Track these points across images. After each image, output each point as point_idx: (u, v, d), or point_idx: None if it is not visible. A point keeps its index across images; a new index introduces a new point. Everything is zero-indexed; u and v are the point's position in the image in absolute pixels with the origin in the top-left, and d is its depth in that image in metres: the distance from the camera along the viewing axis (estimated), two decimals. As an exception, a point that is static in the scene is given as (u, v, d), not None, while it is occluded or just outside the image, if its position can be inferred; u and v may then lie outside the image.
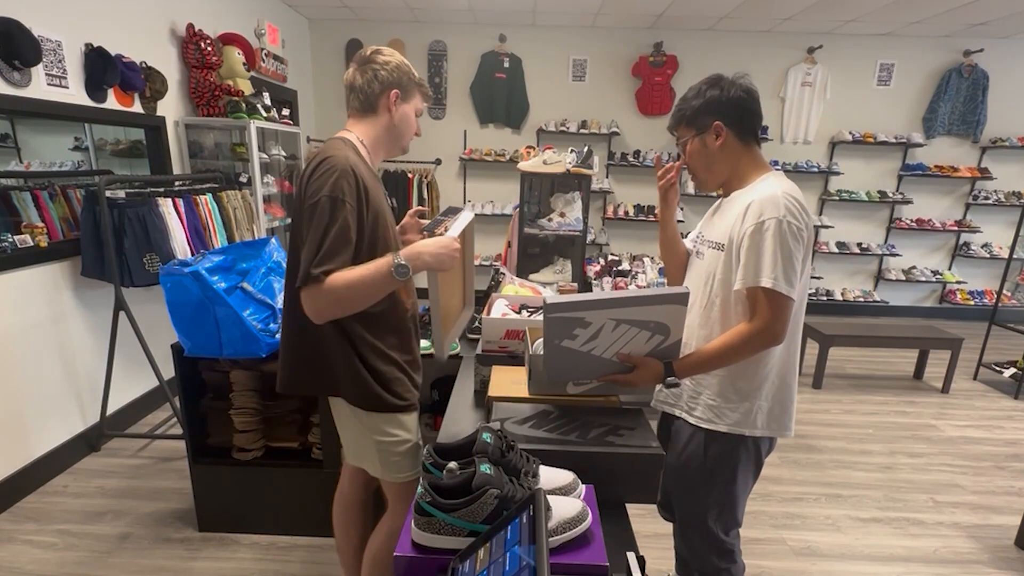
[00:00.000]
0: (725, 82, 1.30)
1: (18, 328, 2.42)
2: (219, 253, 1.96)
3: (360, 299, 1.24)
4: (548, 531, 0.82)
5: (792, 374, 1.37)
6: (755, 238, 1.21)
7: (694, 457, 1.40)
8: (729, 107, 1.29)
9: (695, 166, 1.38)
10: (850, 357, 4.55)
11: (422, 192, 5.52)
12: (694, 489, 1.43)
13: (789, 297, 1.20)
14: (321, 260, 1.17)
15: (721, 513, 1.43)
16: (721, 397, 1.35)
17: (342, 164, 1.21)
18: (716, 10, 4.69)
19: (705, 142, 1.33)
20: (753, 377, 1.33)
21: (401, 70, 1.36)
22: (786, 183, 1.28)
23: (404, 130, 1.42)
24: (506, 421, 1.35)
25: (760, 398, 1.34)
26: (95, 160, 3.74)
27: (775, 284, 1.18)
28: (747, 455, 1.38)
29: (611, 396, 1.52)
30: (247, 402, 2.09)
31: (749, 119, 1.31)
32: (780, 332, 1.23)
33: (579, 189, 3.34)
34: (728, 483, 1.40)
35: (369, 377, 1.34)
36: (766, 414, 1.35)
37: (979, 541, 2.33)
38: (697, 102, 1.31)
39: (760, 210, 1.21)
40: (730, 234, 1.27)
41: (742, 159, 1.33)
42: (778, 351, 1.32)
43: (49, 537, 2.18)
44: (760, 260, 1.20)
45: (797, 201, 1.23)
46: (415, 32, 5.35)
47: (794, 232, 1.20)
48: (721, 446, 1.37)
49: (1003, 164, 5.52)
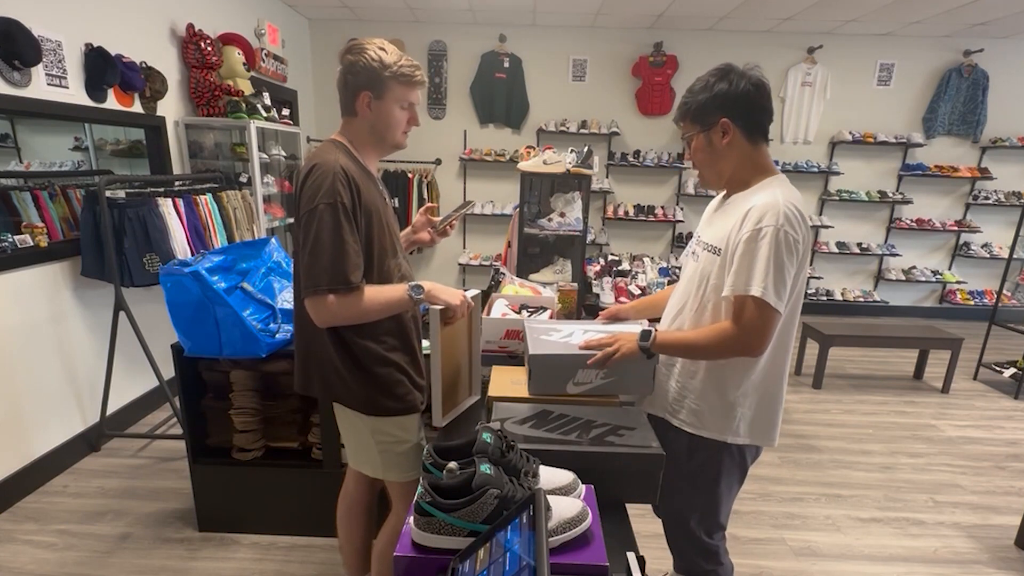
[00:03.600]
0: (734, 74, 1.22)
1: (18, 328, 2.42)
2: (219, 253, 1.96)
3: (374, 313, 1.29)
4: (548, 531, 0.82)
5: (778, 384, 1.34)
6: (750, 245, 1.17)
7: (677, 460, 1.38)
8: (737, 103, 1.22)
9: (700, 164, 1.33)
10: (850, 357, 4.55)
11: (422, 192, 5.52)
12: (677, 492, 1.41)
13: (776, 310, 1.16)
14: (340, 271, 1.20)
15: (704, 517, 1.42)
16: (704, 402, 1.33)
17: (333, 168, 1.21)
18: (716, 10, 4.69)
19: (711, 139, 1.27)
20: (738, 385, 1.31)
21: (369, 68, 1.25)
22: (788, 190, 1.24)
23: (385, 129, 1.33)
24: (506, 421, 1.35)
25: (744, 406, 1.31)
26: (95, 160, 3.74)
27: (764, 294, 1.14)
28: (731, 461, 1.37)
29: (611, 396, 1.52)
30: (247, 402, 2.09)
31: (758, 116, 1.25)
32: (758, 345, 1.20)
33: (579, 189, 3.34)
34: (710, 488, 1.38)
35: (366, 382, 1.35)
36: (749, 422, 1.33)
37: (979, 541, 2.33)
38: (704, 96, 1.24)
39: (759, 217, 1.17)
40: (727, 239, 1.24)
41: (748, 159, 1.28)
42: (763, 361, 1.28)
43: (49, 537, 2.18)
44: (752, 268, 1.16)
45: (797, 211, 1.19)
46: (415, 32, 5.35)
47: (790, 243, 1.16)
48: (704, 451, 1.36)
49: (1003, 164, 5.52)
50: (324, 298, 1.21)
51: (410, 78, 1.29)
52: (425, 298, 1.33)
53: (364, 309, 1.26)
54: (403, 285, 1.32)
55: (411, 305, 1.33)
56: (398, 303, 1.31)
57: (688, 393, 1.36)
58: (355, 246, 1.23)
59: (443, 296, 1.36)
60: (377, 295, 1.27)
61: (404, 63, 1.28)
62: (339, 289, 1.21)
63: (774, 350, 1.27)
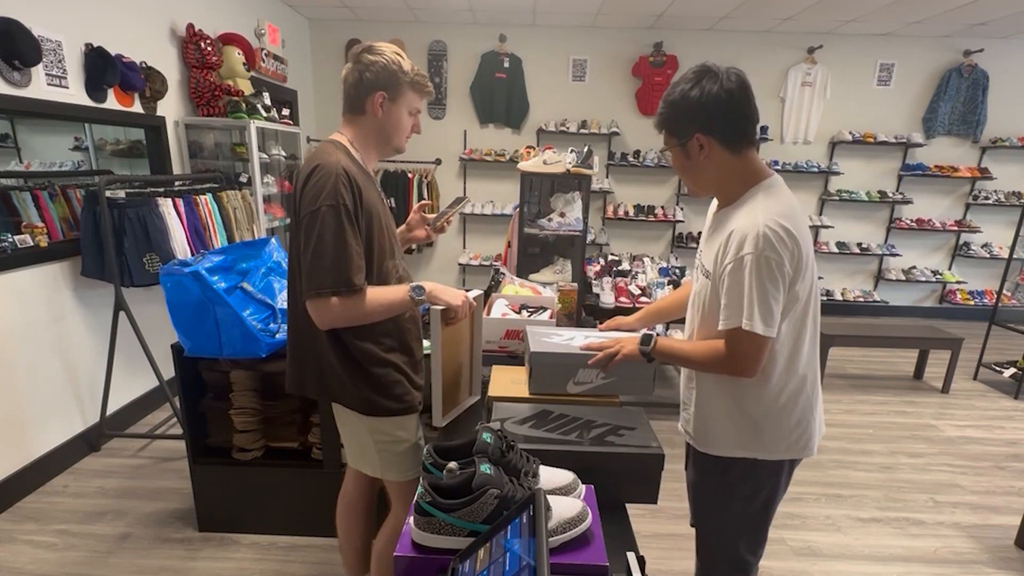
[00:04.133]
0: (708, 80, 1.13)
1: (18, 328, 2.42)
2: (219, 253, 1.96)
3: (375, 315, 1.29)
4: (548, 531, 0.82)
5: (809, 394, 1.28)
6: (734, 277, 1.13)
7: (708, 481, 1.35)
8: (712, 113, 1.14)
9: (681, 176, 1.29)
10: (850, 357, 4.55)
11: (422, 192, 5.52)
12: (716, 509, 1.37)
13: (766, 336, 1.14)
14: (344, 273, 1.20)
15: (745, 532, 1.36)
16: (730, 421, 1.28)
17: (335, 169, 1.21)
18: (716, 10, 4.69)
19: (688, 153, 1.20)
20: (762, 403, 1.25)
21: (389, 70, 1.29)
22: (773, 201, 1.16)
23: (393, 132, 1.36)
24: (506, 421, 1.35)
25: (774, 425, 1.26)
26: (95, 160, 3.74)
27: (751, 326, 1.12)
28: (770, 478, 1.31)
29: (611, 396, 1.52)
30: (247, 402, 2.09)
31: (738, 123, 1.16)
32: (749, 371, 1.18)
33: (579, 189, 3.34)
34: (746, 503, 1.33)
35: (364, 383, 1.35)
36: (784, 439, 1.27)
37: (979, 541, 2.33)
38: (677, 107, 1.17)
39: (739, 243, 1.12)
40: (714, 263, 1.20)
41: (731, 170, 1.20)
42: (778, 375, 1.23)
43: (49, 537, 2.18)
44: (739, 301, 1.13)
45: (780, 227, 1.11)
46: (415, 32, 5.35)
47: (772, 268, 1.10)
48: (736, 472, 1.30)
49: (1003, 164, 5.52)
50: (327, 300, 1.21)
51: (423, 87, 1.36)
52: (427, 299, 1.33)
53: (366, 311, 1.26)
54: (404, 286, 1.31)
55: (413, 306, 1.33)
56: (400, 304, 1.31)
57: (713, 420, 1.31)
58: (358, 248, 1.23)
59: (445, 297, 1.37)
60: (379, 296, 1.27)
61: (419, 72, 1.34)
62: (342, 291, 1.21)
63: (787, 362, 1.23)
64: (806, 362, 1.25)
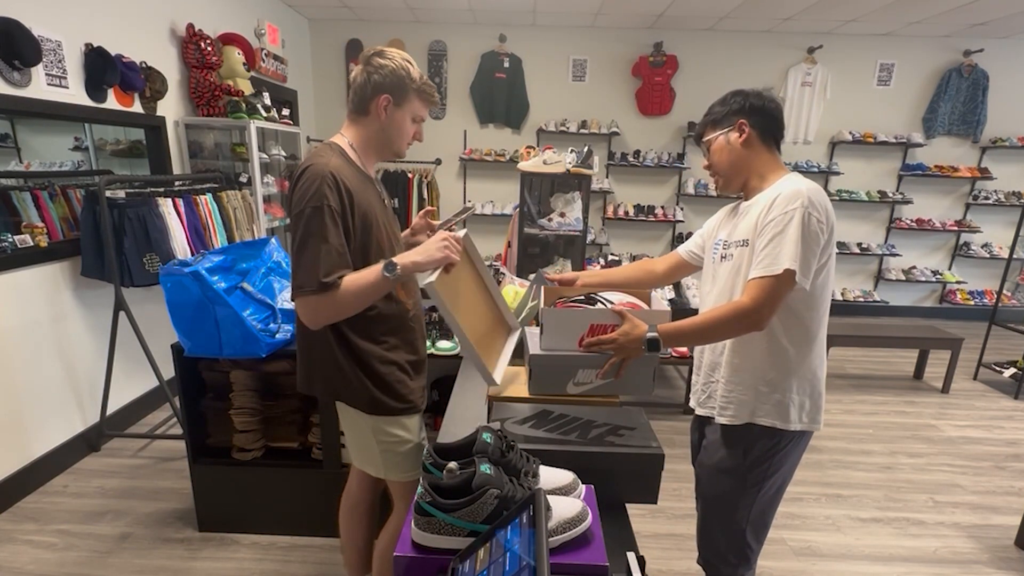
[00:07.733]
0: (749, 90, 1.38)
1: (18, 328, 2.42)
2: (219, 253, 1.96)
3: (354, 305, 1.26)
4: (548, 531, 0.82)
5: (821, 366, 1.37)
6: (779, 227, 1.23)
7: (729, 458, 1.38)
8: (752, 108, 1.35)
9: (718, 164, 1.40)
10: (850, 357, 4.55)
11: (422, 192, 5.51)
12: (730, 491, 1.40)
13: (798, 285, 1.21)
14: (315, 272, 1.19)
15: (754, 516, 1.40)
16: (752, 391, 1.33)
17: (321, 171, 1.21)
18: (716, 10, 4.69)
19: (729, 139, 1.36)
20: (783, 368, 1.31)
21: (397, 75, 1.30)
22: (809, 182, 1.30)
23: (394, 136, 1.36)
24: (506, 421, 1.35)
25: (792, 391, 1.32)
26: (95, 160, 3.74)
27: (795, 267, 1.19)
28: (781, 453, 1.36)
29: (611, 396, 1.52)
30: (247, 402, 2.09)
31: (771, 122, 1.36)
32: (765, 318, 1.23)
33: (579, 189, 3.34)
34: (762, 483, 1.37)
35: (368, 381, 1.35)
36: (798, 407, 1.33)
37: (979, 541, 2.33)
38: (722, 107, 1.38)
39: (787, 201, 1.23)
40: (755, 227, 1.28)
41: (763, 159, 1.36)
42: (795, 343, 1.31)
43: (49, 537, 2.18)
44: (782, 246, 1.21)
45: (821, 196, 1.26)
46: (415, 32, 5.35)
47: (814, 225, 1.22)
48: (757, 445, 1.35)
49: (1003, 164, 5.52)
50: (308, 299, 1.22)
51: (430, 96, 1.37)
52: (403, 272, 1.23)
53: (342, 302, 1.22)
54: (377, 266, 1.24)
55: (391, 284, 1.26)
56: (374, 286, 1.23)
57: (735, 387, 1.36)
58: (339, 248, 1.22)
59: (422, 259, 1.25)
60: (350, 284, 1.22)
61: (426, 82, 1.35)
62: (318, 289, 1.19)
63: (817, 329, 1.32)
64: (819, 335, 1.34)
